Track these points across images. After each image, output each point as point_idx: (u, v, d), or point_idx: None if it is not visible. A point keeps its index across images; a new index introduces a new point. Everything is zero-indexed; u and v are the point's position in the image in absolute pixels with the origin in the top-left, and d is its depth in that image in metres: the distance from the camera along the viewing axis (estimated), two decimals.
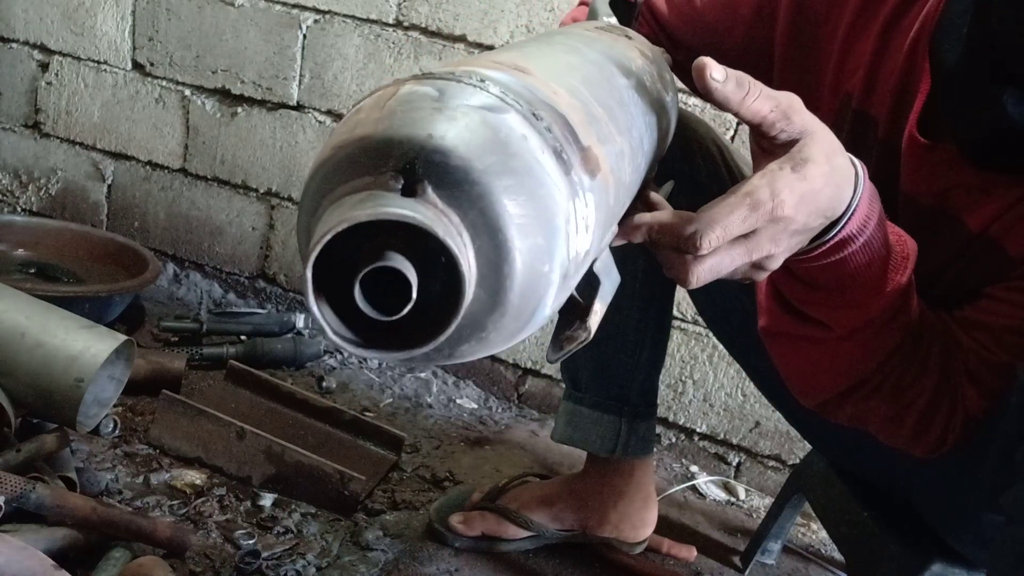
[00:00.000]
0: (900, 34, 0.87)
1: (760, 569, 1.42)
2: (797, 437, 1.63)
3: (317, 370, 1.78)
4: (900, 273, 0.75)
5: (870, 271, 0.73)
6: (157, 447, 1.35)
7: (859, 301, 0.76)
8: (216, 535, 1.19)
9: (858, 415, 0.86)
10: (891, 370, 0.81)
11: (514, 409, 1.82)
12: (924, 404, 0.82)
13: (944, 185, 0.83)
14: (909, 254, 0.76)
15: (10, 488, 1.01)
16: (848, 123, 0.92)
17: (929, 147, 0.83)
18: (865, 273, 0.73)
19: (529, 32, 1.68)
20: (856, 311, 0.77)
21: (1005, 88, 0.75)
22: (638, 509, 1.32)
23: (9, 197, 2.17)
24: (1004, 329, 0.80)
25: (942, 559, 0.96)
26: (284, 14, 1.85)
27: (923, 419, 0.83)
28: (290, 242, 1.95)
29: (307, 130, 1.89)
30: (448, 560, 1.27)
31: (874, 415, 0.85)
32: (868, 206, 0.68)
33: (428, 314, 0.43)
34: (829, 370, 0.84)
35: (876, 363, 0.81)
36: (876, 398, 0.84)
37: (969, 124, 0.80)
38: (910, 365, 0.81)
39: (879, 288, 0.75)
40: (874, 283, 0.75)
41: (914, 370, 0.81)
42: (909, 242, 0.77)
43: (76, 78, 2.06)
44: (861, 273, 0.72)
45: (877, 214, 0.70)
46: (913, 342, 0.80)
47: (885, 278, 0.75)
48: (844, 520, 1.11)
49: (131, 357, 1.22)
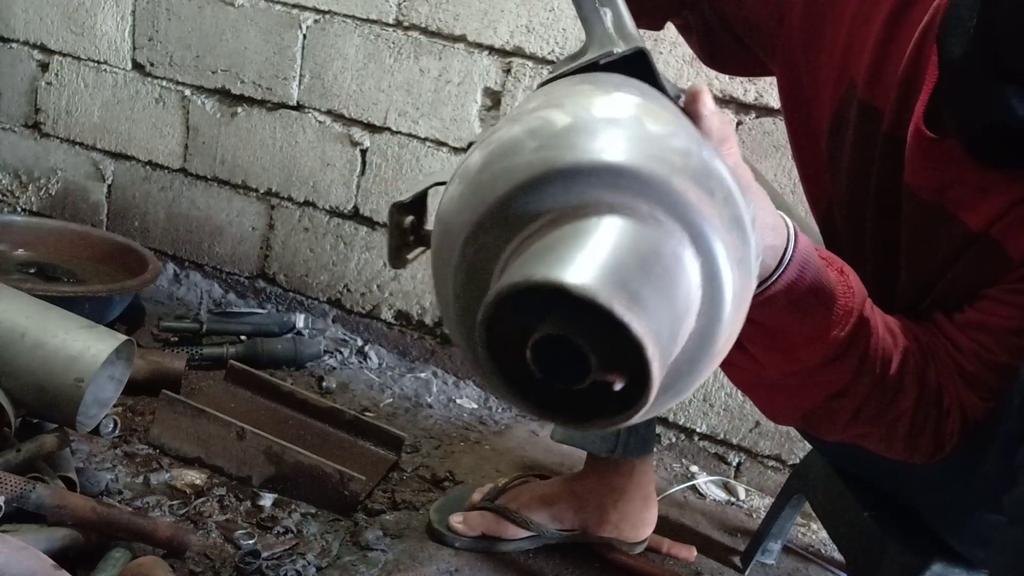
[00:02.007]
0: (908, 25, 0.86)
1: (760, 569, 1.42)
2: (797, 437, 1.63)
3: (317, 370, 1.78)
4: (839, 328, 0.76)
5: (802, 328, 0.75)
6: (157, 447, 1.35)
7: (789, 348, 0.77)
8: (216, 535, 1.19)
9: (850, 438, 0.87)
10: (861, 400, 0.82)
11: (514, 409, 1.82)
12: (908, 423, 0.83)
13: (945, 181, 0.83)
14: (853, 307, 0.77)
15: (10, 488, 1.01)
16: (854, 113, 0.92)
17: (934, 141, 0.82)
18: (795, 329, 0.75)
19: (529, 32, 1.68)
20: (785, 357, 0.78)
21: (1009, 85, 0.74)
22: (638, 509, 1.32)
23: (9, 197, 2.17)
24: (1005, 331, 0.80)
25: (942, 559, 0.96)
26: (284, 14, 1.85)
27: (911, 435, 0.84)
28: (290, 242, 1.95)
29: (307, 130, 1.89)
30: (448, 560, 1.27)
31: (865, 439, 0.86)
32: (799, 270, 0.70)
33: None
34: (780, 400, 0.86)
35: (824, 397, 0.82)
36: (857, 425, 0.85)
37: (971, 119, 0.80)
38: (883, 392, 0.82)
39: (811, 341, 0.77)
40: (806, 337, 0.76)
41: (888, 396, 0.82)
42: (857, 294, 0.78)
43: (76, 78, 2.06)
44: (790, 329, 0.74)
45: (811, 274, 0.72)
46: (877, 372, 0.81)
47: (817, 335, 0.76)
48: (844, 520, 1.11)
49: (131, 357, 1.22)
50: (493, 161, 0.48)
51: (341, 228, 1.91)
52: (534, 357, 0.41)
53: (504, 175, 0.46)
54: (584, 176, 0.45)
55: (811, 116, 0.99)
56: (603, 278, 0.40)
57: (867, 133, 0.90)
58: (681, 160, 0.47)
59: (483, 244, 0.47)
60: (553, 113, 0.49)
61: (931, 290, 0.87)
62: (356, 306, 1.93)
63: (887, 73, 0.88)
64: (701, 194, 0.47)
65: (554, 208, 0.45)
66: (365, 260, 1.90)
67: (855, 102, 0.91)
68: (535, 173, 0.46)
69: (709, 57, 1.12)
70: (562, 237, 0.43)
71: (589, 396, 0.43)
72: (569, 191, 0.45)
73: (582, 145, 0.46)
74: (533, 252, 0.43)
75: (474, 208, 0.47)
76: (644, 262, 0.43)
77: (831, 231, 1.01)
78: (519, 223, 0.46)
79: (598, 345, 0.40)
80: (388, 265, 0.64)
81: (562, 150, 0.46)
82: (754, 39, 1.04)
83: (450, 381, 1.85)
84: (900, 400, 0.82)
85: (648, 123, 0.49)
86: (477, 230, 0.47)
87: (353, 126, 1.85)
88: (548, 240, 0.44)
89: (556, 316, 0.41)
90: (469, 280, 0.48)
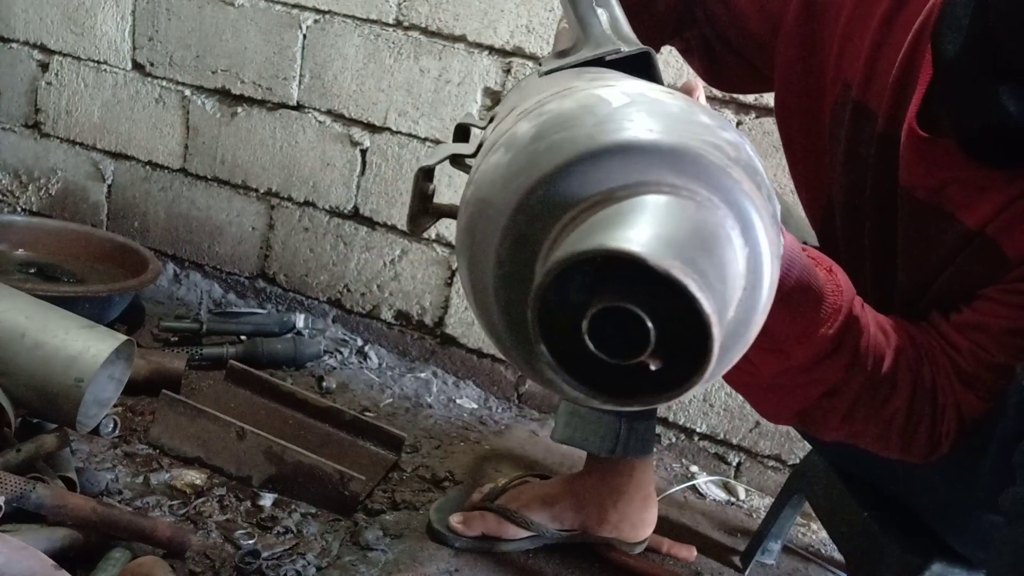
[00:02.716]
0: (901, 26, 0.87)
1: (760, 569, 1.42)
2: (797, 437, 1.63)
3: (317, 370, 1.78)
4: (827, 326, 0.76)
5: (790, 326, 0.75)
6: (157, 447, 1.35)
7: (779, 347, 0.77)
8: (216, 535, 1.19)
9: (847, 437, 0.87)
10: (854, 398, 0.82)
11: (514, 409, 1.82)
12: (902, 420, 0.83)
13: (941, 180, 0.83)
14: (842, 305, 0.77)
15: (10, 488, 1.01)
16: (848, 114, 0.92)
17: (928, 140, 0.82)
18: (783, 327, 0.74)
19: (529, 32, 1.68)
20: (776, 356, 0.78)
21: (1003, 83, 0.74)
22: (638, 509, 1.32)
23: (9, 197, 2.17)
24: (1002, 331, 0.80)
25: (942, 559, 0.96)
26: (284, 14, 1.85)
27: (906, 433, 0.84)
28: (290, 242, 1.95)
29: (307, 130, 1.89)
30: (448, 560, 1.27)
31: (860, 437, 0.87)
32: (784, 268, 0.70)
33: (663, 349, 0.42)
34: (774, 400, 0.86)
35: (817, 395, 0.82)
36: (852, 423, 0.85)
37: (966, 118, 0.80)
38: (876, 390, 0.82)
39: (801, 339, 0.77)
40: (795, 335, 0.76)
41: (881, 394, 0.82)
42: (845, 292, 0.78)
43: (76, 78, 2.06)
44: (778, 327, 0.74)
45: (797, 272, 0.72)
46: (869, 370, 0.81)
47: (806, 333, 0.76)
48: (844, 520, 1.11)
49: (131, 357, 1.22)
50: (548, 132, 0.48)
51: (341, 228, 1.91)
52: (590, 328, 0.41)
53: (562, 145, 0.47)
54: (646, 154, 0.46)
55: (807, 122, 0.99)
56: (673, 253, 0.40)
57: (861, 134, 0.90)
58: (734, 152, 0.48)
59: (536, 213, 0.47)
60: (607, 92, 0.49)
61: (928, 290, 0.87)
62: (356, 306, 1.93)
63: (881, 74, 0.88)
64: (752, 186, 0.47)
65: (614, 182, 0.45)
66: (365, 260, 1.90)
67: (850, 104, 0.91)
68: (596, 146, 0.46)
69: (712, 76, 1.13)
70: (625, 211, 0.44)
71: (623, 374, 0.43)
72: (629, 167, 0.45)
73: (642, 124, 0.47)
74: (594, 223, 0.43)
75: (528, 175, 0.47)
76: (706, 243, 0.43)
77: (829, 234, 1.01)
78: (576, 194, 0.46)
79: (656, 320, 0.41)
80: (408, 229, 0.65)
81: (623, 127, 0.46)
82: (753, 53, 1.04)
83: (450, 381, 1.85)
84: (894, 398, 0.82)
85: (699, 113, 0.50)
86: (530, 197, 0.47)
87: (353, 126, 1.85)
88: (609, 212, 0.44)
89: (609, 289, 0.41)
90: (516, 247, 0.48)
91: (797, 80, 0.99)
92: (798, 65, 0.98)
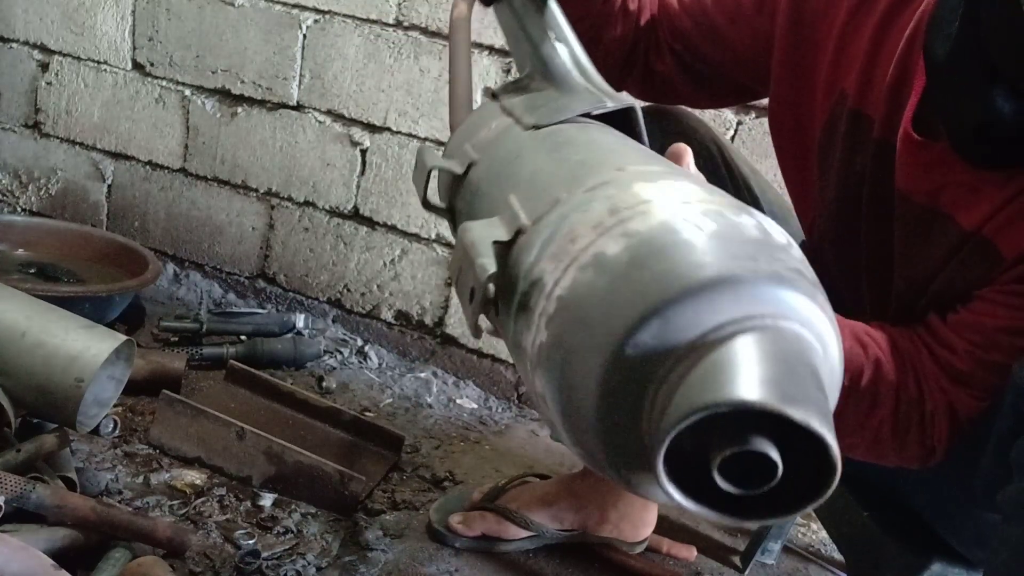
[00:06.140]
0: (895, 33, 0.87)
1: (760, 569, 1.42)
2: None
3: (317, 370, 1.78)
4: None
5: None
6: (157, 447, 1.35)
7: None
8: (216, 535, 1.19)
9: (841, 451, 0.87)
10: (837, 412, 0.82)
11: (514, 409, 1.82)
12: (889, 429, 0.83)
13: (937, 183, 0.83)
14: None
15: (10, 488, 1.01)
16: (844, 122, 0.92)
17: (923, 144, 0.83)
18: None
19: None
20: None
21: (994, 84, 0.75)
22: (638, 509, 1.32)
23: (9, 197, 2.17)
24: (999, 330, 0.80)
25: (942, 559, 0.96)
26: (284, 14, 1.85)
27: (896, 441, 0.84)
28: (290, 242, 1.96)
29: (307, 130, 1.89)
30: (448, 560, 1.27)
31: (856, 450, 0.86)
32: None
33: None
34: None
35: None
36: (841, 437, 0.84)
37: (959, 120, 0.80)
38: (858, 403, 0.82)
39: None
40: None
41: (863, 407, 0.82)
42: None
43: (76, 78, 2.06)
44: None
45: None
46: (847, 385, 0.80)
47: None
48: (844, 520, 1.11)
49: (131, 357, 1.22)
50: (646, 260, 0.48)
51: (341, 228, 1.91)
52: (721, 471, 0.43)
53: (667, 279, 0.47)
54: (748, 285, 0.46)
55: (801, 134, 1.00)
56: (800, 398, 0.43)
57: (857, 140, 0.91)
58: (810, 272, 0.50)
59: (648, 346, 0.47)
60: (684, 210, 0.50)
61: (925, 292, 0.87)
62: (356, 306, 1.93)
63: (876, 80, 0.89)
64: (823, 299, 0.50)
65: (723, 316, 0.46)
66: (365, 260, 1.90)
67: (845, 112, 0.92)
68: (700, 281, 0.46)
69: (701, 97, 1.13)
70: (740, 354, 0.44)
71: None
72: (737, 300, 0.46)
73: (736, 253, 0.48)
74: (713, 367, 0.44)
75: (634, 307, 0.47)
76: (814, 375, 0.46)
77: (819, 242, 1.01)
78: (687, 329, 0.46)
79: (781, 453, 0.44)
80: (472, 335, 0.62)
81: (719, 259, 0.47)
82: (741, 72, 1.05)
83: (450, 381, 1.85)
84: (877, 409, 0.83)
85: (773, 232, 0.51)
86: (639, 331, 0.47)
87: (353, 126, 1.85)
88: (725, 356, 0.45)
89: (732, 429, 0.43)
90: (626, 379, 0.47)
91: (790, 93, 0.99)
92: (790, 79, 0.98)
